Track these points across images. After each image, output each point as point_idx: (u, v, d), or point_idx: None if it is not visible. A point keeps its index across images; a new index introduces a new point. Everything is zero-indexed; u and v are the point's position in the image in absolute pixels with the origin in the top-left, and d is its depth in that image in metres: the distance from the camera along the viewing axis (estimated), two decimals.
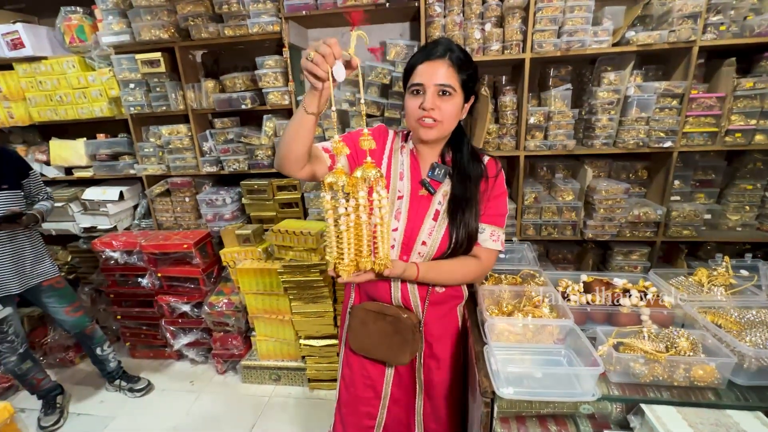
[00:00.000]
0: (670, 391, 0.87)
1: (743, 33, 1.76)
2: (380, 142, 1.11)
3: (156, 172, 2.48)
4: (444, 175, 1.06)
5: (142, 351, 2.62)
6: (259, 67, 2.19)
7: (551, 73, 2.07)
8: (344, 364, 1.23)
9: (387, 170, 1.08)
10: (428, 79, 0.96)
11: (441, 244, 1.04)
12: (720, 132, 1.88)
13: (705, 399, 0.85)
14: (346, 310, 1.24)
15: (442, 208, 1.05)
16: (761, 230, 2.06)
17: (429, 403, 1.20)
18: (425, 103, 0.96)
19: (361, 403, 1.20)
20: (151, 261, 2.35)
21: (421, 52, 1.00)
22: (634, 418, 0.86)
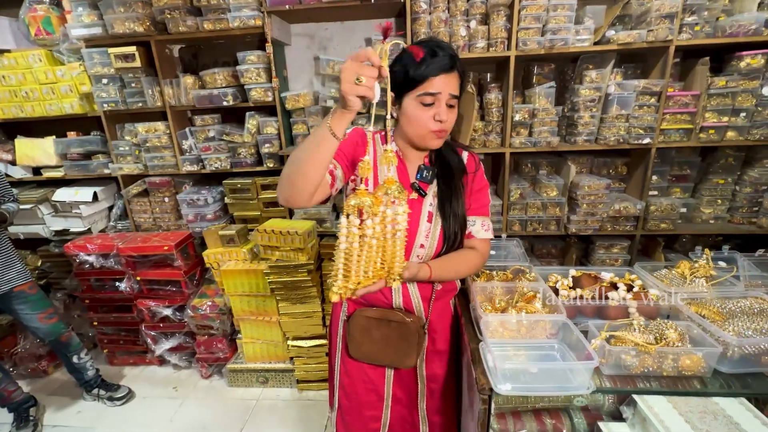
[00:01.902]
0: (659, 381, 0.90)
1: (716, 33, 1.83)
2: (357, 142, 1.05)
3: (132, 171, 2.38)
4: (432, 177, 1.07)
5: (122, 358, 2.53)
6: (241, 63, 2.13)
7: (535, 71, 2.10)
8: (342, 373, 1.20)
9: (375, 179, 1.04)
10: (443, 91, 0.94)
11: (438, 243, 1.06)
12: (695, 129, 1.95)
13: (692, 388, 0.88)
14: (337, 318, 1.20)
15: (434, 209, 1.07)
16: (732, 223, 2.16)
17: (431, 396, 1.21)
18: (441, 115, 0.95)
19: (364, 407, 1.19)
20: (129, 264, 2.25)
21: (433, 61, 0.92)
22: (626, 408, 0.88)
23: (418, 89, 0.94)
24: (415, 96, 0.95)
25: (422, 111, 0.96)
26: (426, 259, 1.07)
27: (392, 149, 1.04)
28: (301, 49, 2.36)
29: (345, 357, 1.18)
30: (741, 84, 1.87)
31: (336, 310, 1.21)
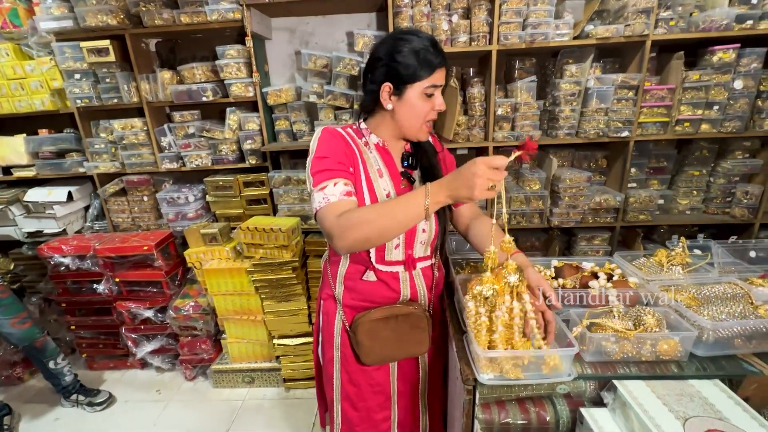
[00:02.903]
0: (638, 367, 0.92)
1: (689, 28, 1.88)
2: (343, 145, 1.01)
3: (109, 169, 2.31)
4: (416, 162, 1.09)
5: (101, 362, 2.46)
6: (220, 57, 2.09)
7: (517, 66, 2.12)
8: (345, 383, 1.14)
9: (366, 175, 1.02)
10: (441, 82, 0.98)
11: (435, 225, 1.08)
12: (671, 122, 2.00)
13: (669, 371, 0.90)
14: (331, 331, 1.13)
15: None
16: (707, 213, 2.22)
17: (431, 383, 1.22)
18: (440, 104, 0.98)
19: (374, 412, 1.16)
20: (107, 265, 2.19)
21: (437, 54, 0.94)
22: (607, 394, 0.90)
23: (425, 82, 0.95)
24: (422, 88, 0.95)
25: (425, 102, 0.97)
26: (428, 242, 1.09)
27: (373, 142, 1.04)
28: (282, 43, 2.33)
29: (348, 366, 1.12)
30: (714, 78, 1.92)
31: (328, 321, 1.14)
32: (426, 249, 1.12)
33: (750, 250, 1.24)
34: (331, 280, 1.13)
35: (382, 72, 0.96)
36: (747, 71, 1.91)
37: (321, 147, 0.99)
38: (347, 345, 1.11)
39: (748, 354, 0.93)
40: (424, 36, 0.95)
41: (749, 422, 0.76)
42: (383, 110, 1.01)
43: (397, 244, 1.05)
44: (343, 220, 0.88)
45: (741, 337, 0.92)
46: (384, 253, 1.07)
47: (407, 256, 1.08)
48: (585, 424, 0.87)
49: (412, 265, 1.10)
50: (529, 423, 0.94)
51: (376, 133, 1.07)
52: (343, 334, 1.11)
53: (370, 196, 1.01)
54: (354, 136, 1.06)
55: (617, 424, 0.85)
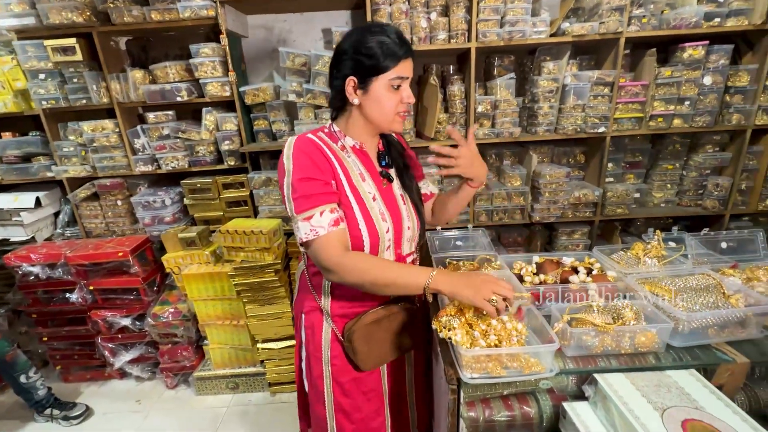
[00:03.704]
0: (617, 359, 0.93)
1: (661, 26, 1.92)
2: (321, 159, 0.95)
3: (79, 173, 2.22)
4: (392, 160, 1.09)
5: (77, 374, 2.36)
6: (195, 56, 2.02)
7: (496, 63, 2.13)
8: (338, 395, 1.09)
9: (349, 182, 0.98)
10: (408, 74, 0.95)
11: (417, 220, 1.09)
12: (645, 117, 2.05)
13: (648, 363, 0.92)
14: (319, 345, 1.07)
15: (402, 191, 1.09)
16: (681, 205, 2.29)
17: (417, 381, 1.23)
18: (410, 97, 0.96)
19: (370, 419, 1.13)
20: (80, 273, 2.10)
21: (402, 45, 0.92)
22: (588, 387, 0.91)
23: (390, 73, 0.92)
24: (387, 80, 0.93)
25: (393, 94, 0.95)
26: (412, 238, 1.09)
27: (349, 145, 1.02)
28: (259, 41, 2.28)
29: (340, 378, 1.08)
30: (685, 74, 1.98)
31: (313, 335, 1.08)
32: (411, 245, 1.12)
33: (721, 242, 1.28)
34: (315, 291, 1.08)
35: (347, 65, 0.94)
36: (715, 67, 1.98)
37: (299, 166, 0.93)
38: (339, 356, 1.06)
39: (721, 343, 0.96)
40: (389, 28, 0.93)
41: (723, 410, 0.78)
42: (352, 106, 0.98)
43: (388, 245, 1.04)
44: (347, 261, 0.91)
45: (714, 327, 0.94)
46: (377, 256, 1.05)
47: (397, 255, 1.07)
48: (568, 418, 0.88)
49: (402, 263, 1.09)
50: (513, 419, 0.95)
51: (351, 135, 1.03)
52: (334, 346, 1.06)
53: (357, 202, 0.98)
54: (328, 141, 1.01)
55: (598, 417, 0.86)
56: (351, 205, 0.97)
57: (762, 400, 0.95)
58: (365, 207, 0.98)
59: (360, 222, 0.97)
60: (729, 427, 0.74)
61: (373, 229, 0.98)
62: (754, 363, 0.91)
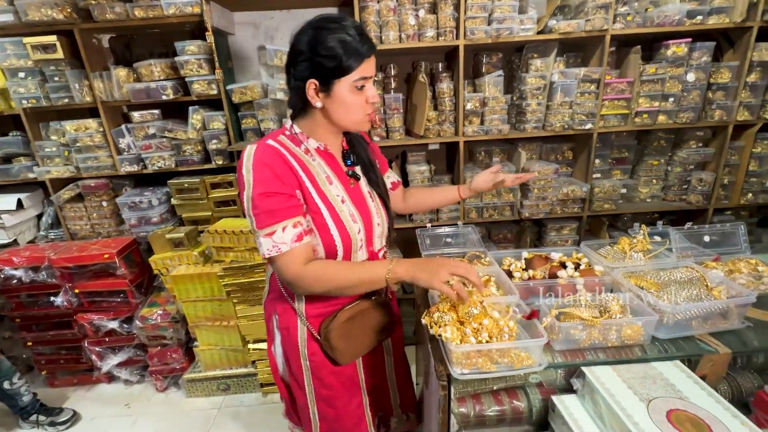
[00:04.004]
0: (605, 352, 0.95)
1: (645, 23, 1.95)
2: (283, 169, 0.91)
3: (62, 174, 2.17)
4: (357, 158, 1.07)
5: (64, 378, 2.32)
6: (180, 54, 1.99)
7: (484, 60, 2.14)
8: (319, 388, 1.10)
9: (315, 187, 0.95)
10: (372, 73, 0.91)
11: (386, 217, 1.10)
12: (630, 114, 2.08)
13: (634, 355, 0.94)
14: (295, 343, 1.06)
15: (369, 188, 1.08)
16: (666, 200, 2.34)
17: (396, 363, 1.24)
18: (375, 97, 0.94)
19: (349, 403, 1.14)
20: (64, 276, 2.06)
21: (364, 43, 0.87)
22: (577, 380, 0.92)
23: (353, 75, 0.87)
24: (351, 82, 0.88)
25: (357, 96, 0.91)
26: (383, 234, 1.10)
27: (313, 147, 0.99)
28: (246, 38, 2.25)
29: (319, 373, 1.08)
30: (669, 71, 2.01)
31: (289, 335, 1.07)
32: (382, 240, 1.12)
33: (704, 235, 1.31)
34: (288, 295, 1.06)
35: (305, 67, 0.88)
36: (698, 64, 2.01)
37: (259, 180, 0.88)
38: (317, 353, 1.06)
39: (704, 334, 0.98)
40: (349, 23, 0.87)
41: (706, 399, 0.80)
42: (314, 109, 0.93)
43: (361, 245, 1.03)
44: (308, 274, 0.91)
45: (698, 319, 0.96)
46: (351, 258, 1.04)
47: (369, 252, 1.07)
48: (557, 411, 0.90)
49: (375, 260, 1.09)
50: (503, 414, 0.96)
51: (314, 137, 0.98)
52: (311, 344, 1.06)
53: (326, 207, 0.96)
54: (290, 146, 0.96)
55: (586, 409, 0.88)
56: (320, 211, 0.95)
57: (743, 389, 0.98)
58: (335, 211, 0.97)
59: (331, 227, 0.96)
60: (712, 416, 0.76)
61: (345, 232, 0.98)
62: (736, 353, 0.94)
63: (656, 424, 0.74)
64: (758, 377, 0.99)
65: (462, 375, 0.86)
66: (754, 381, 0.98)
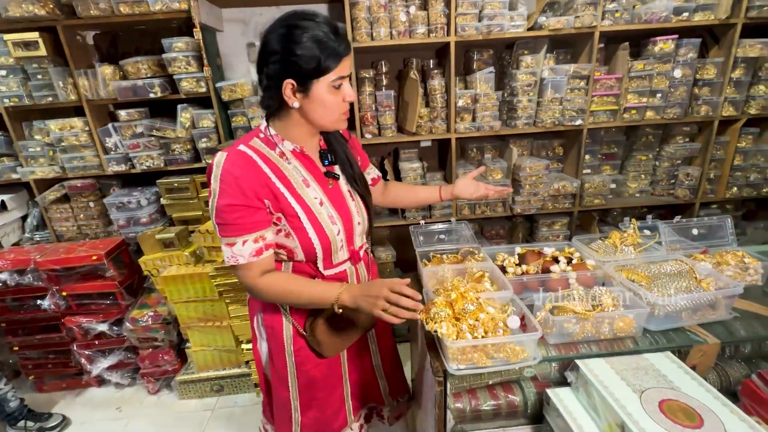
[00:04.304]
0: (598, 345, 0.96)
1: (633, 20, 1.97)
2: (251, 180, 0.89)
3: (47, 175, 2.12)
4: (335, 157, 1.05)
5: (52, 383, 2.27)
6: (167, 51, 1.96)
7: (475, 57, 2.15)
8: (303, 380, 1.11)
9: (291, 192, 0.93)
10: (348, 71, 0.90)
11: (367, 215, 1.09)
12: (619, 110, 2.10)
13: (626, 347, 0.95)
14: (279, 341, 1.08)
15: (349, 186, 1.07)
16: (654, 195, 2.37)
17: (382, 352, 1.24)
18: (352, 96, 0.92)
19: (331, 394, 1.15)
20: (51, 279, 2.02)
21: (340, 41, 0.85)
22: (570, 373, 0.93)
23: (331, 75, 0.86)
24: (329, 82, 0.86)
25: (335, 95, 0.89)
26: (363, 231, 1.10)
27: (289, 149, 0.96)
28: (235, 35, 2.22)
29: (303, 367, 1.10)
30: (656, 67, 2.04)
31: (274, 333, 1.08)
32: (362, 238, 1.13)
33: (692, 228, 1.33)
34: None
35: (280, 68, 0.85)
36: (685, 60, 2.04)
37: (225, 191, 0.87)
38: (303, 348, 1.07)
39: (694, 325, 1.00)
40: (321, 20, 0.84)
41: (697, 389, 0.82)
42: (291, 109, 0.90)
43: (341, 245, 1.03)
44: (261, 288, 0.95)
45: (687, 310, 0.98)
46: (331, 258, 1.04)
47: (350, 251, 1.07)
48: (551, 404, 0.91)
49: (356, 258, 1.10)
50: (499, 408, 0.97)
51: (290, 138, 0.95)
52: (297, 339, 1.07)
53: (304, 211, 0.95)
54: (264, 150, 0.93)
55: (580, 401, 0.89)
56: (297, 215, 0.94)
57: (731, 378, 1.00)
58: (312, 214, 0.96)
59: (309, 231, 0.95)
60: (702, 405, 0.77)
61: (324, 235, 0.97)
62: (724, 343, 0.96)
63: (649, 414, 0.75)
64: (745, 366, 1.02)
65: (458, 370, 0.87)
66: (742, 370, 1.01)
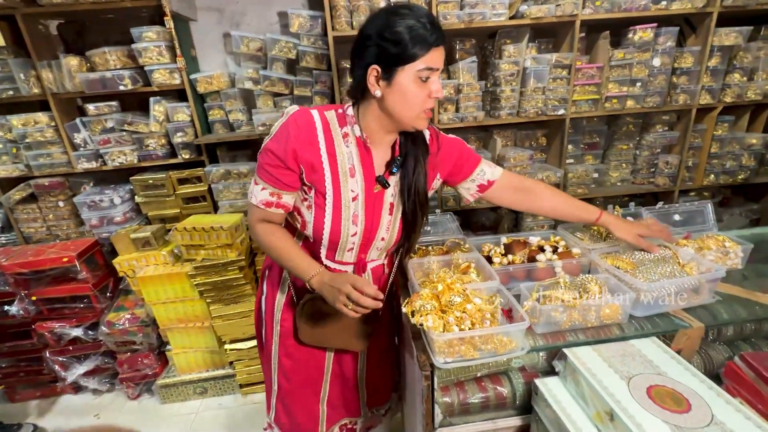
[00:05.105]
0: (585, 333, 0.95)
1: (613, 9, 1.97)
2: (304, 141, 0.89)
3: (11, 173, 2.00)
4: (399, 166, 0.98)
5: (25, 392, 2.17)
6: (137, 41, 1.86)
7: (457, 47, 2.12)
8: (282, 356, 1.15)
9: (333, 173, 0.92)
10: (439, 65, 0.85)
11: (398, 233, 1.03)
12: (601, 99, 2.11)
13: (613, 334, 0.94)
14: (272, 305, 1.12)
15: (395, 198, 1.00)
16: (635, 183, 2.40)
17: (370, 367, 1.22)
18: (439, 91, 0.86)
19: (305, 385, 1.16)
20: (18, 283, 1.91)
21: (434, 31, 0.81)
22: (558, 362, 0.92)
23: (418, 63, 0.82)
24: (414, 71, 0.82)
25: (420, 88, 0.84)
26: (385, 248, 1.05)
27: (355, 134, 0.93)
28: (210, 24, 2.13)
29: (285, 340, 1.12)
30: (636, 56, 2.05)
31: (272, 293, 1.13)
32: (382, 254, 1.08)
33: (674, 214, 1.34)
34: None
35: (370, 53, 0.83)
36: (663, 49, 2.06)
37: (277, 139, 0.90)
38: (288, 319, 1.10)
39: (679, 310, 1.00)
40: (420, 10, 0.82)
41: (683, 373, 0.81)
42: (372, 98, 0.88)
43: (351, 247, 1.00)
44: (256, 231, 0.99)
45: (672, 295, 0.98)
46: (335, 253, 1.02)
47: (359, 259, 1.05)
48: (540, 394, 0.89)
49: (362, 268, 1.06)
50: (487, 400, 0.95)
51: (363, 125, 0.92)
52: (285, 309, 1.10)
53: (333, 196, 0.93)
54: (332, 123, 0.93)
55: (569, 390, 0.88)
56: (324, 196, 0.93)
57: (714, 361, 1.01)
58: (339, 204, 0.93)
59: (327, 217, 0.94)
60: (688, 388, 0.77)
61: (337, 229, 0.95)
62: (708, 327, 0.96)
63: (637, 401, 0.74)
64: (728, 349, 1.02)
65: (445, 364, 0.84)
66: (724, 353, 1.01)
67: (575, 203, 1.14)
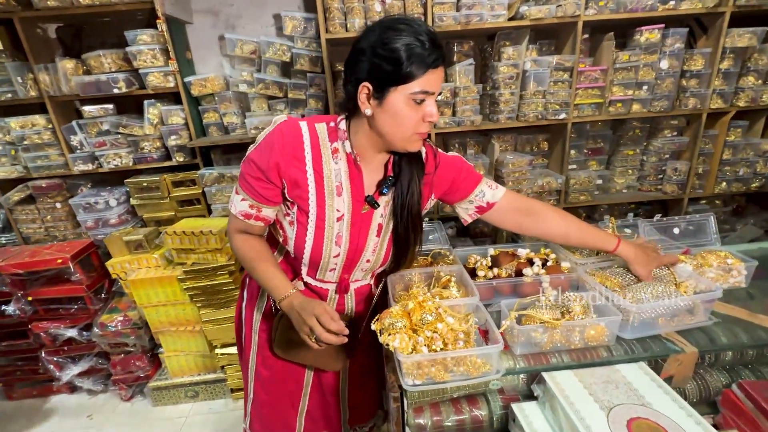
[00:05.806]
0: (569, 355, 0.89)
1: (618, 9, 1.90)
2: (288, 154, 0.85)
3: (10, 174, 2.03)
4: (390, 186, 0.93)
5: (21, 390, 2.20)
6: (131, 44, 1.87)
7: (455, 49, 2.06)
8: (259, 365, 1.12)
9: (318, 190, 0.87)
10: (436, 88, 0.80)
11: (384, 255, 0.99)
12: (604, 103, 2.03)
13: (599, 357, 0.88)
14: (252, 311, 1.10)
15: (384, 219, 0.96)
16: (642, 190, 2.31)
17: (353, 385, 1.18)
18: (433, 115, 0.81)
19: (283, 396, 1.12)
20: (15, 283, 1.93)
21: (433, 53, 0.76)
22: (537, 387, 0.87)
23: (413, 85, 0.76)
24: (408, 93, 0.77)
25: (413, 110, 0.79)
26: (370, 269, 1.02)
27: (346, 151, 0.88)
28: (206, 27, 2.13)
29: (264, 350, 1.09)
30: (642, 58, 1.96)
31: (251, 300, 1.10)
32: (366, 275, 1.04)
33: (674, 227, 1.27)
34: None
35: (362, 68, 0.78)
36: (672, 51, 1.97)
37: (261, 149, 0.86)
38: (266, 330, 1.07)
39: (672, 332, 0.93)
40: (419, 27, 0.76)
41: (670, 404, 0.75)
42: (362, 115, 0.83)
43: (333, 268, 0.97)
44: (233, 241, 0.97)
45: (664, 317, 0.92)
46: (316, 272, 0.98)
47: (342, 279, 1.01)
48: (516, 421, 0.84)
49: (345, 288, 1.02)
50: (463, 423, 0.90)
51: (354, 141, 0.87)
52: (263, 320, 1.08)
53: (317, 217, 0.89)
54: (321, 135, 0.88)
55: (546, 417, 0.82)
56: (307, 215, 0.89)
57: (711, 388, 0.94)
58: (322, 224, 0.90)
59: (309, 235, 0.91)
60: (674, 423, 0.71)
61: (318, 249, 0.91)
62: (703, 351, 0.90)
63: None
64: (726, 375, 0.95)
65: (414, 387, 0.80)
66: (723, 379, 0.95)
67: (590, 230, 1.03)
